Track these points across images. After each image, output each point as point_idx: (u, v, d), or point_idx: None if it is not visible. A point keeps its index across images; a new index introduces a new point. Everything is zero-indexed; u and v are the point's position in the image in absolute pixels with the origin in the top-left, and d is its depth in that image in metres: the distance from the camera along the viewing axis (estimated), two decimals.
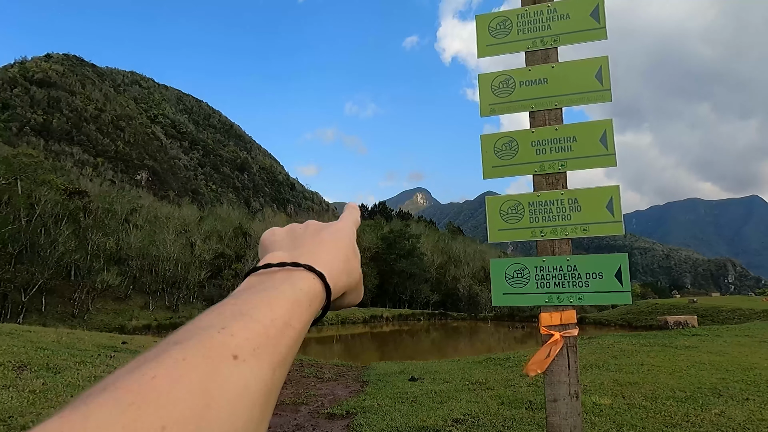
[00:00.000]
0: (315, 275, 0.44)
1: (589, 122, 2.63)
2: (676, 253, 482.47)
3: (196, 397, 0.29)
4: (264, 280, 0.43)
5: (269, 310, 0.38)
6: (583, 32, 2.69)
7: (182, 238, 61.45)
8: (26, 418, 5.23)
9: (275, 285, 0.42)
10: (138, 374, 0.29)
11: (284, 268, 0.44)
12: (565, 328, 2.46)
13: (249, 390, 0.32)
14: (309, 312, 0.42)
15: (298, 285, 0.42)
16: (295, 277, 0.43)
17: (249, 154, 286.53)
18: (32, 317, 41.63)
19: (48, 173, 63.19)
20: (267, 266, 0.45)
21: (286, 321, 0.38)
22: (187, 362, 0.31)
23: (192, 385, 0.29)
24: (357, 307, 63.49)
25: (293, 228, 0.54)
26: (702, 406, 5.85)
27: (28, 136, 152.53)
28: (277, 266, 0.45)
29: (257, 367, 0.34)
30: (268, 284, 0.42)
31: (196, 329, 0.34)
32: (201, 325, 0.35)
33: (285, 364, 0.37)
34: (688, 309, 37.63)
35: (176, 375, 0.30)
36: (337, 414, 6.23)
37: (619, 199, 2.53)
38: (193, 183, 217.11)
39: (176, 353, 0.31)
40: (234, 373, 0.32)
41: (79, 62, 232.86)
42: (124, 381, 0.29)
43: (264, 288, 0.41)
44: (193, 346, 0.32)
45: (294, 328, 0.39)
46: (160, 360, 0.30)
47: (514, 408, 6.10)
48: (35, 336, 12.21)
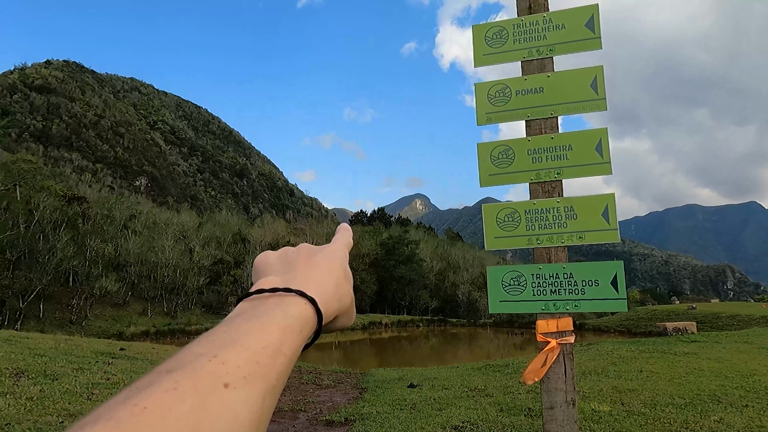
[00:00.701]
0: (306, 300, 0.45)
1: (585, 131, 2.66)
2: (675, 259, 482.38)
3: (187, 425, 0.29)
4: (256, 305, 0.43)
5: (260, 336, 0.38)
6: (579, 42, 2.72)
7: (181, 244, 61.39)
8: (23, 425, 5.21)
9: (267, 311, 0.42)
10: (130, 404, 0.29)
11: (276, 294, 0.45)
12: (562, 336, 2.47)
13: (239, 418, 0.33)
14: (300, 338, 0.42)
15: (289, 311, 0.43)
16: (286, 302, 0.44)
17: (248, 160, 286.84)
18: (30, 323, 41.48)
19: (47, 179, 63.17)
20: (259, 291, 0.45)
21: (277, 347, 0.39)
22: (177, 392, 0.31)
23: (182, 415, 0.30)
24: (356, 314, 63.07)
25: (286, 252, 0.54)
26: (701, 413, 5.84)
27: (28, 142, 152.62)
28: (269, 291, 0.45)
29: (248, 394, 0.34)
30: (260, 310, 0.42)
31: (187, 357, 0.35)
32: (193, 353, 0.35)
33: (276, 391, 0.37)
34: (687, 315, 37.62)
35: (167, 405, 0.30)
36: (336, 421, 6.22)
37: (614, 207, 2.54)
38: (192, 189, 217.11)
39: (167, 383, 0.31)
40: (225, 401, 0.32)
41: (79, 69, 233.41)
42: (116, 412, 0.29)
43: (255, 314, 0.41)
44: (184, 374, 0.32)
45: (285, 355, 0.39)
46: (152, 390, 0.31)
47: (513, 415, 6.09)
48: (33, 342, 12.17)
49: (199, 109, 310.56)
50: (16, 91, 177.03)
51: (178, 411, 0.30)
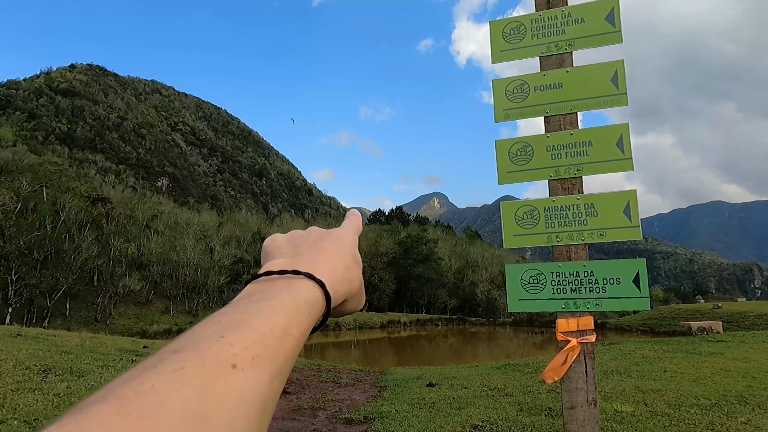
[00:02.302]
0: (315, 283, 0.44)
1: (605, 126, 2.61)
2: (699, 258, 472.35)
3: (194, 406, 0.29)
4: (264, 287, 0.43)
5: (268, 318, 0.38)
6: (599, 36, 2.67)
7: (202, 243, 62.29)
8: (51, 420, 5.32)
9: (275, 293, 0.42)
10: (137, 383, 0.29)
11: (284, 276, 0.44)
12: (583, 335, 2.44)
13: (247, 399, 0.33)
14: (308, 320, 0.42)
15: (297, 293, 0.42)
16: (294, 285, 0.43)
17: (267, 160, 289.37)
18: (57, 321, 42.53)
19: (72, 180, 64.68)
20: (267, 274, 0.45)
21: (285, 329, 0.39)
22: (185, 371, 0.31)
23: (190, 395, 0.30)
24: (374, 312, 63.57)
25: (294, 235, 0.54)
26: (728, 414, 5.71)
27: (53, 144, 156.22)
28: (277, 274, 0.45)
29: (255, 376, 0.34)
30: (268, 292, 0.42)
31: (195, 338, 0.35)
32: (200, 334, 0.35)
33: (283, 373, 0.37)
34: (713, 314, 36.78)
35: (174, 384, 0.30)
36: (355, 419, 6.24)
37: (636, 204, 2.50)
38: (212, 189, 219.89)
39: (175, 362, 0.31)
40: (232, 382, 0.32)
41: (102, 72, 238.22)
42: (122, 390, 0.29)
43: (263, 296, 0.41)
44: (191, 355, 0.32)
45: (293, 337, 0.39)
46: (159, 369, 0.31)
47: (534, 415, 6.03)
48: (60, 340, 12.47)
49: (218, 110, 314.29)
50: (42, 94, 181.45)
51: (186, 390, 0.30)
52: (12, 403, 5.79)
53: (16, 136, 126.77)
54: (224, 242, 65.56)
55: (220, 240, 65.48)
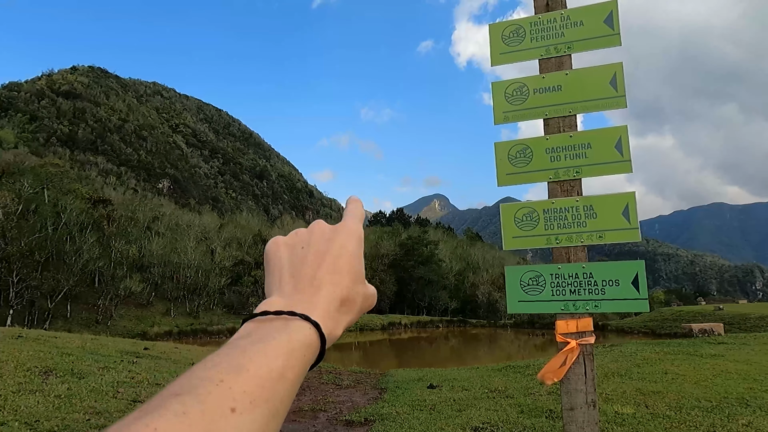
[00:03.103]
0: (311, 324, 0.45)
1: (604, 129, 2.62)
2: (701, 259, 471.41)
3: None
4: (261, 327, 0.44)
5: (265, 361, 0.39)
6: (597, 39, 2.68)
7: (203, 245, 62.36)
8: (52, 422, 5.35)
9: (271, 334, 0.42)
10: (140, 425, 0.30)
11: (281, 317, 0.45)
12: (582, 336, 2.44)
13: None
14: (303, 362, 0.42)
15: (293, 335, 0.43)
16: (291, 326, 0.44)
17: (268, 162, 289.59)
18: (58, 323, 42.55)
19: (73, 182, 64.83)
20: (264, 314, 0.45)
21: (281, 373, 0.39)
22: (187, 417, 0.31)
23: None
24: (375, 314, 63.52)
25: (295, 246, 0.53)
26: (729, 416, 5.70)
27: (55, 146, 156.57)
28: (274, 314, 0.45)
29: (254, 419, 0.35)
30: (265, 333, 0.43)
31: (194, 381, 0.35)
32: (199, 377, 0.36)
33: (279, 415, 0.38)
34: (714, 316, 36.74)
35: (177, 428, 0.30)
36: (356, 421, 6.24)
37: (635, 206, 2.50)
38: (213, 191, 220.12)
39: (176, 406, 0.32)
40: (232, 426, 0.33)
41: (104, 74, 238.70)
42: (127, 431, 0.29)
43: (260, 337, 0.42)
44: (192, 399, 0.33)
45: (289, 380, 0.40)
46: (161, 413, 0.31)
47: (534, 417, 6.03)
48: (60, 342, 12.49)
49: (219, 112, 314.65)
50: (44, 96, 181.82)
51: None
52: (13, 405, 5.79)
53: (17, 138, 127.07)
54: (225, 244, 65.63)
55: (221, 242, 65.54)
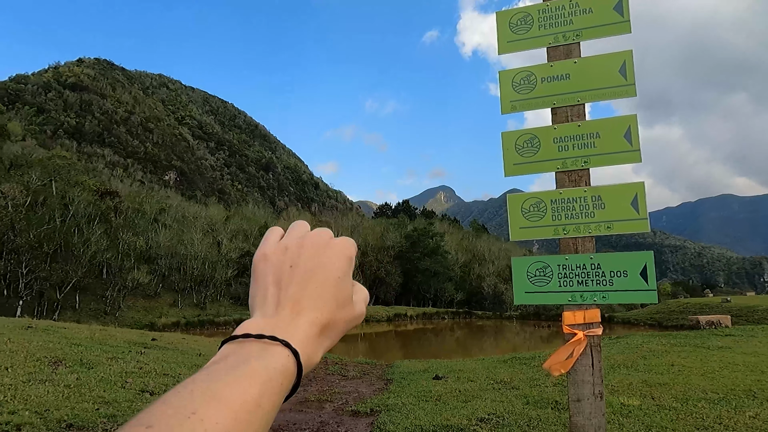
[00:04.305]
0: (290, 352, 0.43)
1: (613, 118, 2.59)
2: (708, 251, 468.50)
3: None
4: (239, 351, 0.43)
5: (240, 390, 0.38)
6: (607, 26, 2.63)
7: (209, 237, 62.64)
8: (61, 411, 5.40)
9: (248, 360, 0.41)
10: None
11: (261, 340, 0.44)
12: (589, 327, 2.43)
13: None
14: (280, 391, 0.41)
15: (271, 363, 0.42)
16: (269, 352, 0.43)
17: (274, 154, 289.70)
18: (67, 314, 42.98)
19: (81, 174, 65.17)
20: (245, 336, 0.44)
21: (257, 402, 0.38)
22: None
23: None
24: (381, 306, 63.70)
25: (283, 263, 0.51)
26: (736, 408, 5.68)
27: (62, 138, 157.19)
28: (254, 338, 0.44)
29: None
30: (242, 358, 0.41)
31: (167, 410, 0.34)
32: (172, 406, 0.35)
33: None
34: (721, 308, 36.53)
35: None
36: (362, 411, 6.27)
37: (644, 196, 2.47)
38: (219, 183, 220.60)
39: None
40: None
41: (110, 66, 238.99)
42: None
43: (236, 363, 0.41)
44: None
45: (264, 409, 0.38)
46: None
47: (540, 408, 6.03)
48: (69, 332, 12.62)
49: (225, 104, 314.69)
50: (51, 89, 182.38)
51: None
52: (23, 394, 5.86)
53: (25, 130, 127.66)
54: (231, 236, 65.91)
55: (228, 233, 65.82)
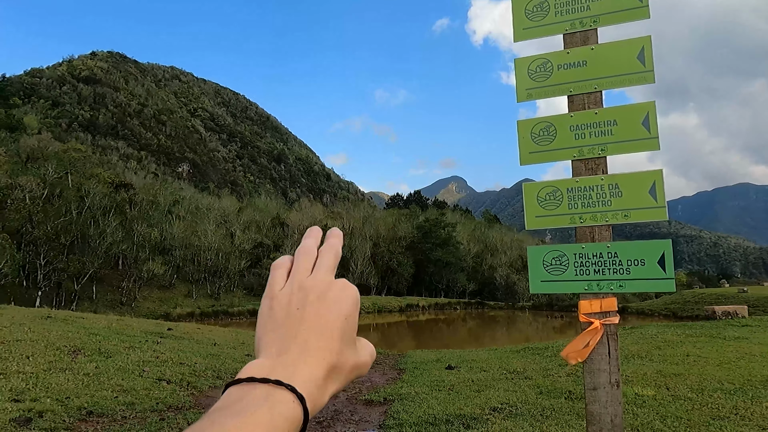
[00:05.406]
0: (295, 397, 0.43)
1: (631, 105, 2.55)
2: (724, 241, 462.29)
3: None
4: (243, 396, 0.42)
5: None
6: (625, 12, 2.59)
7: (222, 228, 63.14)
8: (81, 399, 5.52)
9: (253, 407, 0.41)
10: None
11: (266, 384, 0.43)
12: (606, 316, 2.42)
13: None
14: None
15: (276, 408, 0.41)
16: (274, 398, 0.42)
17: (285, 145, 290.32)
18: (84, 305, 43.75)
19: (96, 167, 65.91)
20: (250, 380, 0.44)
21: None
22: None
23: None
24: (393, 296, 63.86)
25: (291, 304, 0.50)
26: (752, 398, 5.64)
27: (77, 131, 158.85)
28: (259, 381, 0.43)
29: None
30: (246, 404, 0.41)
31: None
32: None
33: None
34: (738, 299, 36.11)
35: None
36: (375, 400, 6.32)
37: (662, 184, 2.44)
38: (231, 174, 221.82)
39: None
40: None
41: (122, 59, 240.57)
42: None
43: (241, 409, 0.40)
44: None
45: None
46: None
47: (553, 398, 6.04)
48: (88, 322, 12.85)
49: (236, 96, 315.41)
50: (65, 82, 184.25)
51: None
52: (44, 383, 6.00)
53: (40, 123, 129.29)
54: (244, 227, 66.35)
55: (240, 225, 66.26)
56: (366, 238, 69.52)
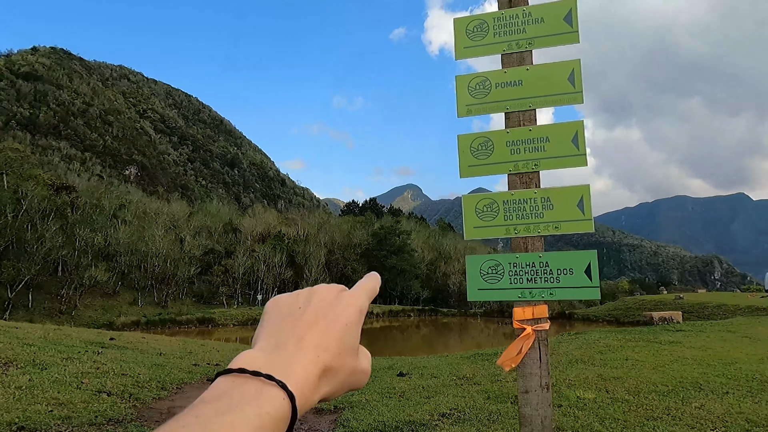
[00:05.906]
0: (286, 395, 0.42)
1: (562, 123, 2.71)
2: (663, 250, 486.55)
3: None
4: (232, 391, 0.41)
5: None
6: (557, 36, 2.75)
7: (171, 233, 61.15)
8: (12, 414, 5.23)
9: (242, 402, 0.40)
10: None
11: (257, 378, 0.42)
12: (537, 322, 2.54)
13: None
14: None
15: (264, 407, 0.40)
16: (264, 396, 0.41)
17: (239, 150, 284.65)
18: (19, 313, 41.24)
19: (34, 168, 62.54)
20: (241, 371, 0.43)
21: None
22: None
23: None
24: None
25: (293, 304, 0.51)
26: (683, 399, 5.97)
27: (14, 130, 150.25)
28: (250, 374, 0.42)
29: None
30: (235, 400, 0.40)
31: None
32: None
33: None
34: (675, 305, 38.02)
35: None
36: (325, 409, 6.29)
37: (589, 198, 2.61)
38: (182, 178, 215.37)
39: None
40: None
41: (67, 56, 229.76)
42: None
43: (229, 405, 0.39)
44: None
45: None
46: None
47: (500, 402, 6.20)
48: (21, 332, 12.13)
49: (189, 98, 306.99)
50: (2, 78, 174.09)
51: None
52: None
53: None
54: (195, 233, 64.52)
55: (191, 230, 64.40)
56: (321, 245, 69.03)
